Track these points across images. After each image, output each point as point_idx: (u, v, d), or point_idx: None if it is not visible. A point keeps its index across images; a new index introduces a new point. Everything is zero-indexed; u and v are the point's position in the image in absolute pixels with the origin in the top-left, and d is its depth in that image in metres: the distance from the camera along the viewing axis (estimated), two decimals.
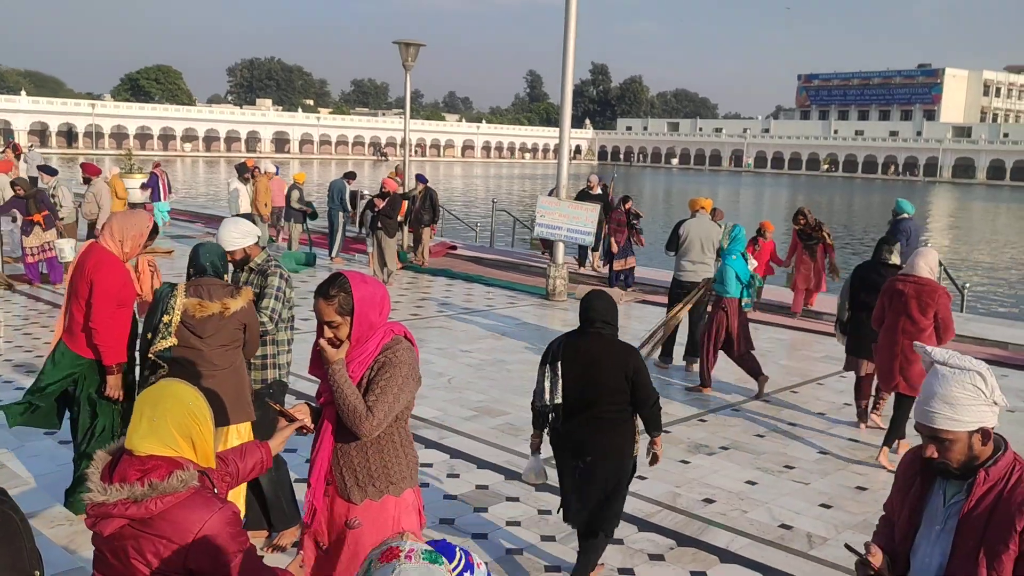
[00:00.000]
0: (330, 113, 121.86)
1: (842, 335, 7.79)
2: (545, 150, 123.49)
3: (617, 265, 14.03)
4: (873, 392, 7.55)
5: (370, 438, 3.04)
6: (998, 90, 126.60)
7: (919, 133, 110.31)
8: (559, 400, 4.28)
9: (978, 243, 31.88)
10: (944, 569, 2.19)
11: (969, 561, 2.13)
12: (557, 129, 13.59)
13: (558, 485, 4.52)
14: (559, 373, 4.29)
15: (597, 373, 4.23)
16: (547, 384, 4.31)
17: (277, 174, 17.12)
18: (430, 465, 6.18)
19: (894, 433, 6.66)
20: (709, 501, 5.76)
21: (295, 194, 16.14)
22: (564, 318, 11.99)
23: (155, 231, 5.02)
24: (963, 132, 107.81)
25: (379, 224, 13.77)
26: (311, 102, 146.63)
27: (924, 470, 2.30)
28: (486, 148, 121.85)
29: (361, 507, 3.11)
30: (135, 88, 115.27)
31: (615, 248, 14.02)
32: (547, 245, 15.24)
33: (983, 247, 29.78)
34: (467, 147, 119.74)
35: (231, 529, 2.28)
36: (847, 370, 7.86)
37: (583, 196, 15.45)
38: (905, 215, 11.62)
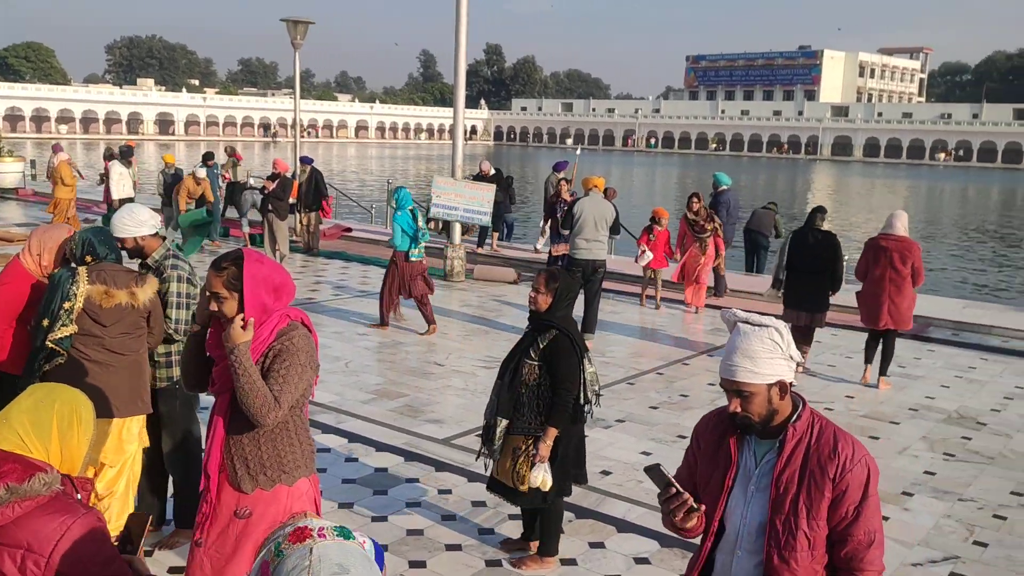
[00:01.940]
0: (217, 93, 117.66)
1: (778, 292, 8.93)
2: (440, 131, 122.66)
3: (555, 250, 13.67)
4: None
5: (270, 428, 2.96)
6: (872, 71, 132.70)
7: (800, 113, 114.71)
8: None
9: (855, 217, 33.40)
10: (764, 527, 2.32)
11: (790, 513, 2.28)
12: (452, 109, 13.51)
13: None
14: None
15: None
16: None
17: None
18: (328, 450, 6.09)
19: (886, 362, 8.28)
20: (606, 473, 5.88)
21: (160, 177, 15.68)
22: (463, 299, 11.98)
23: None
24: (841, 112, 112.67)
25: (270, 207, 13.41)
26: (196, 82, 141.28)
27: (727, 435, 2.40)
28: (380, 129, 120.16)
29: (252, 496, 3.03)
30: (2, 67, 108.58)
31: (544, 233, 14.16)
32: (445, 226, 15.16)
33: (860, 220, 31.22)
34: (361, 128, 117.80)
35: (96, 536, 2.10)
36: (784, 321, 8.21)
37: (476, 179, 15.42)
38: (724, 187, 12.97)
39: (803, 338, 8.42)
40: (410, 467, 5.86)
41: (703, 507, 2.36)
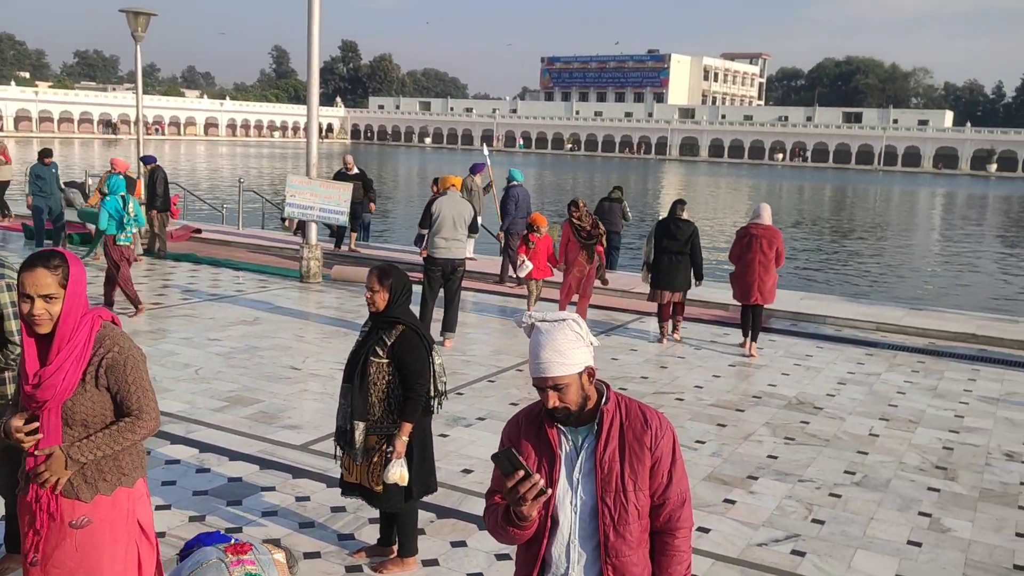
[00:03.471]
0: (50, 87, 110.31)
1: (647, 274, 10.15)
2: (295, 128, 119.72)
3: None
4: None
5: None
6: (716, 75, 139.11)
7: (650, 114, 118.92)
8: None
9: (703, 213, 34.93)
10: (596, 509, 2.44)
11: (618, 489, 2.42)
12: (306, 107, 13.19)
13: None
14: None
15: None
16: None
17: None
18: (177, 462, 5.82)
19: (756, 331, 9.70)
20: (467, 472, 5.89)
21: None
22: (320, 300, 11.73)
23: None
24: (688, 114, 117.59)
25: None
26: (27, 74, 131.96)
27: (544, 430, 2.49)
28: (231, 126, 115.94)
29: (91, 504, 2.87)
30: None
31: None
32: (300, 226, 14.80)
33: (707, 217, 32.66)
34: (210, 125, 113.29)
35: None
36: (651, 300, 10.24)
37: (339, 177, 15.14)
38: (515, 182, 13.59)
39: (671, 313, 10.09)
40: (266, 475, 5.68)
41: (551, 490, 2.40)
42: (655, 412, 2.51)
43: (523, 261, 10.57)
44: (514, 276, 13.24)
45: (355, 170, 15.34)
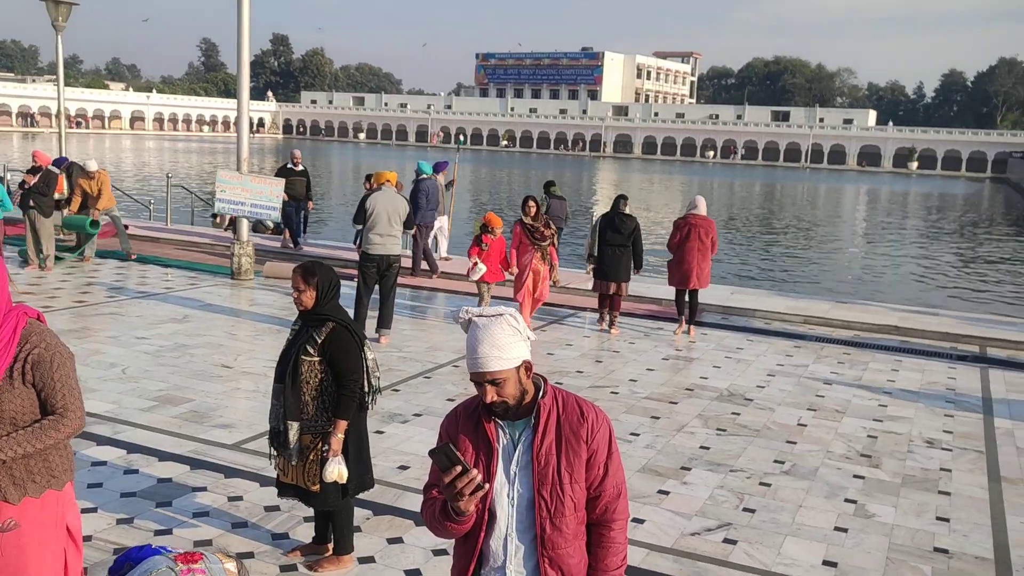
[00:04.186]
0: None
1: (591, 265, 10.63)
2: (225, 123, 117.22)
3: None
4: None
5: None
6: (649, 73, 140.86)
7: (584, 112, 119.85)
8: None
9: (637, 210, 35.38)
10: (532, 502, 2.46)
11: (554, 482, 2.45)
12: (236, 101, 12.93)
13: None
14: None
15: None
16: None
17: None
18: (104, 464, 5.66)
19: (694, 314, 10.44)
20: (404, 468, 5.87)
21: None
22: (252, 297, 11.53)
23: None
24: (621, 111, 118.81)
25: (31, 202, 12.26)
26: None
27: (481, 424, 2.51)
28: (158, 120, 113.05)
29: (19, 507, 2.79)
30: None
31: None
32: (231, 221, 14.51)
33: (642, 212, 33.04)
34: (136, 119, 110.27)
35: None
36: (594, 291, 10.68)
37: (285, 172, 14.85)
38: (425, 175, 13.67)
39: (612, 303, 10.47)
40: (197, 475, 5.56)
41: (488, 485, 2.41)
42: (591, 405, 2.54)
43: (475, 263, 9.98)
44: (426, 269, 13.26)
45: (301, 166, 15.13)
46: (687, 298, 10.42)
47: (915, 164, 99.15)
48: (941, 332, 10.88)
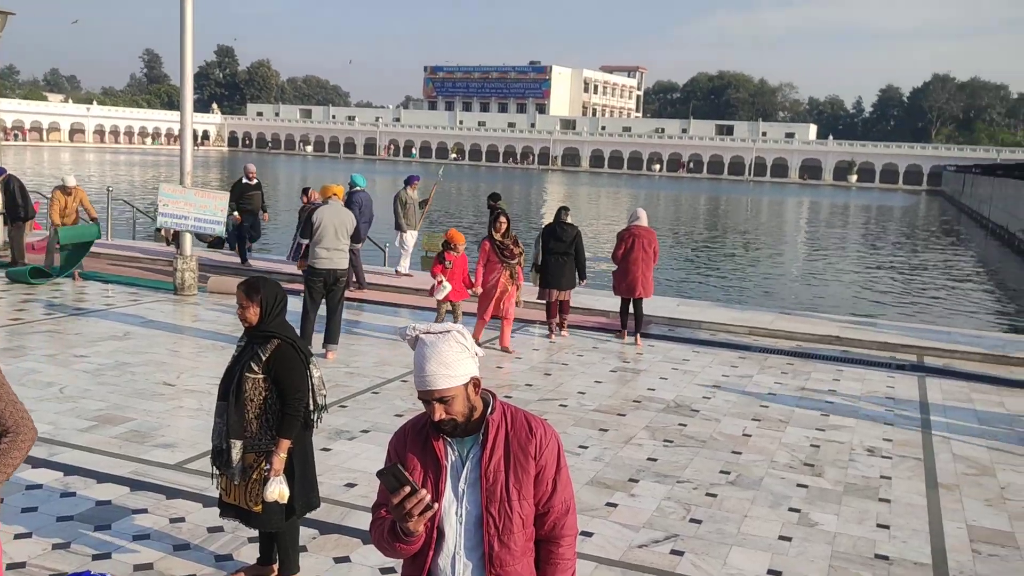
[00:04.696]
0: None
1: (536, 275, 10.82)
2: (169, 135, 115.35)
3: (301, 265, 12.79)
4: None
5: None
6: (596, 87, 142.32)
7: (533, 125, 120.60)
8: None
9: (586, 222, 35.62)
10: (481, 519, 2.45)
11: (503, 499, 2.44)
12: (180, 113, 12.73)
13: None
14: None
15: None
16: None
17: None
18: (39, 487, 5.49)
19: (639, 322, 10.79)
20: (351, 486, 5.80)
21: None
22: (195, 313, 11.33)
23: None
24: (569, 125, 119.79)
25: None
26: None
27: (430, 442, 2.49)
28: (99, 132, 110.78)
29: None
30: None
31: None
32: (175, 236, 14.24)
33: (590, 224, 33.31)
34: (76, 131, 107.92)
35: None
36: (540, 299, 10.97)
37: (241, 187, 14.60)
38: (358, 188, 13.60)
39: (561, 308, 10.88)
40: (137, 497, 5.43)
41: (437, 505, 2.40)
42: (540, 421, 2.54)
43: (440, 282, 9.70)
44: (358, 283, 13.09)
45: (256, 180, 14.93)
46: (631, 308, 10.81)
47: (854, 177, 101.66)
48: (880, 342, 11.14)
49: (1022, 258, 30.89)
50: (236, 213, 14.52)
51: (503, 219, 9.88)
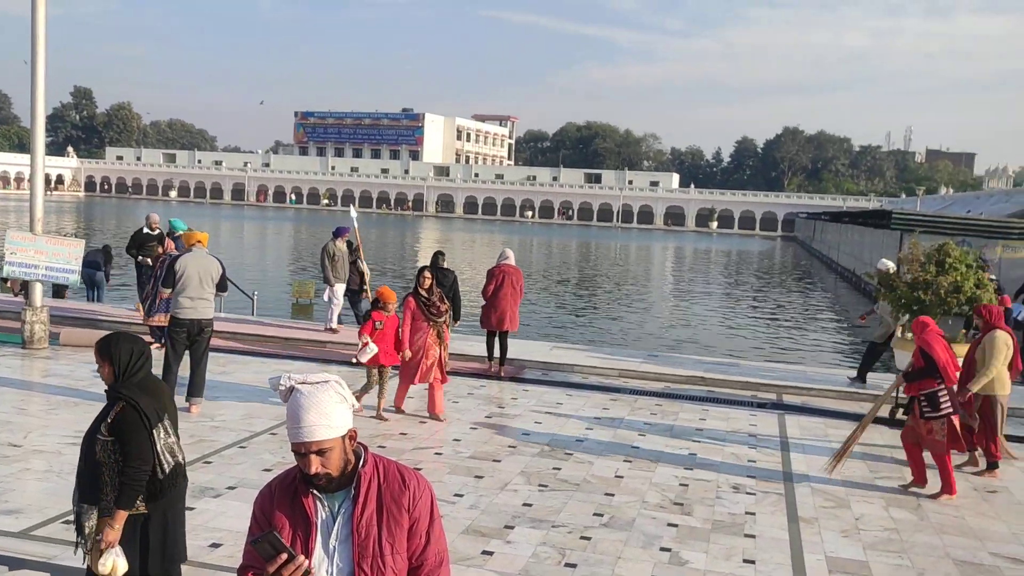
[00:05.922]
0: None
1: None
2: (19, 179, 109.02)
3: (158, 320, 11.38)
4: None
5: None
6: (468, 135, 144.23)
7: (407, 171, 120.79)
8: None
9: (461, 267, 35.74)
10: (353, 574, 2.39)
11: (375, 554, 2.39)
12: (30, 156, 12.06)
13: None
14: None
15: None
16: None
17: None
18: None
19: (504, 354, 11.58)
20: (216, 546, 5.54)
21: None
22: (46, 368, 10.64)
23: None
24: (443, 171, 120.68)
25: None
26: None
27: (299, 498, 2.43)
28: None
29: None
30: None
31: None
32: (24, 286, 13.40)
33: (465, 269, 33.43)
34: None
35: None
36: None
37: (143, 237, 13.77)
38: (179, 232, 13.10)
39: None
40: None
41: (313, 571, 2.33)
42: (413, 472, 2.51)
43: (366, 343, 8.83)
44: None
45: (159, 230, 14.21)
46: (497, 340, 11.56)
47: (715, 223, 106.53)
48: (742, 381, 11.62)
49: (868, 299, 33.00)
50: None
51: (427, 273, 9.29)
